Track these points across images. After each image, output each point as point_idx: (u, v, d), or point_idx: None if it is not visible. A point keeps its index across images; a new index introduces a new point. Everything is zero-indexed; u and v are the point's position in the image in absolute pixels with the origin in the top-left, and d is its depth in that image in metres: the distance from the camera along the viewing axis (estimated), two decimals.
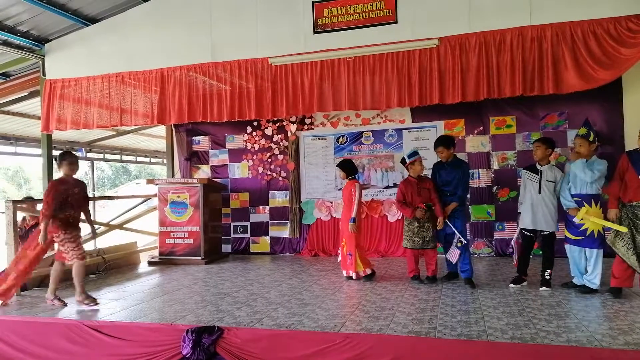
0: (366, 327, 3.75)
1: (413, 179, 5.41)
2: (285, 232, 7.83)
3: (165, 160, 9.16)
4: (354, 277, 5.51)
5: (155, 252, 7.52)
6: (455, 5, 5.93)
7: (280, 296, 4.89)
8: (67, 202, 4.84)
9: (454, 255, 5.13)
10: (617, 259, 4.41)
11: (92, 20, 6.98)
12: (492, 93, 5.74)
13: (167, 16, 6.94)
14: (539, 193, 4.88)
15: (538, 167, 4.99)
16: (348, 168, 5.74)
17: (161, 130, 9.15)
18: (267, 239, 7.92)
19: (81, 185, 5.07)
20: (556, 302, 4.35)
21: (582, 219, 4.54)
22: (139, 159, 12.40)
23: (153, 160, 12.95)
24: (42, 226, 4.70)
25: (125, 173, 29.54)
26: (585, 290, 4.58)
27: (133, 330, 3.99)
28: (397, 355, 3.30)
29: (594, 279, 4.59)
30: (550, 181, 4.86)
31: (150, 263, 7.23)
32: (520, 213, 5.11)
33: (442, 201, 5.24)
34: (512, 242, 5.16)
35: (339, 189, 7.53)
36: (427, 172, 5.84)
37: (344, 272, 5.61)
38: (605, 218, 4.56)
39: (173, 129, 8.39)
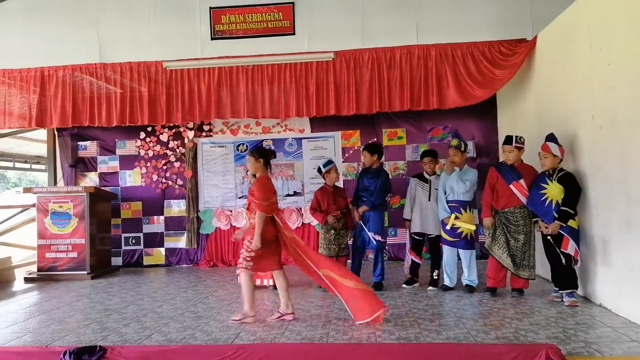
0: (260, 337, 3.73)
1: (329, 187, 5.47)
2: (181, 242, 7.53)
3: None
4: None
5: (34, 268, 6.83)
6: (349, 22, 6.23)
7: (172, 310, 4.69)
8: None
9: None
10: (492, 261, 4.85)
11: None
12: (384, 107, 6.11)
13: (48, 11, 6.43)
14: (429, 200, 5.27)
15: (426, 176, 5.39)
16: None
17: (43, 134, 8.38)
18: (162, 250, 7.56)
19: None
20: (439, 302, 4.67)
21: (452, 225, 4.98)
22: (17, 164, 11.22)
23: (34, 166, 11.80)
24: None
25: (2, 180, 26.59)
26: (470, 289, 4.98)
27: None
28: None
29: (471, 277, 5.02)
30: (437, 189, 5.28)
31: (27, 280, 6.54)
32: (407, 220, 5.44)
33: (359, 206, 5.35)
34: (407, 253, 5.44)
35: (240, 197, 7.44)
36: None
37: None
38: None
39: (56, 133, 7.70)
